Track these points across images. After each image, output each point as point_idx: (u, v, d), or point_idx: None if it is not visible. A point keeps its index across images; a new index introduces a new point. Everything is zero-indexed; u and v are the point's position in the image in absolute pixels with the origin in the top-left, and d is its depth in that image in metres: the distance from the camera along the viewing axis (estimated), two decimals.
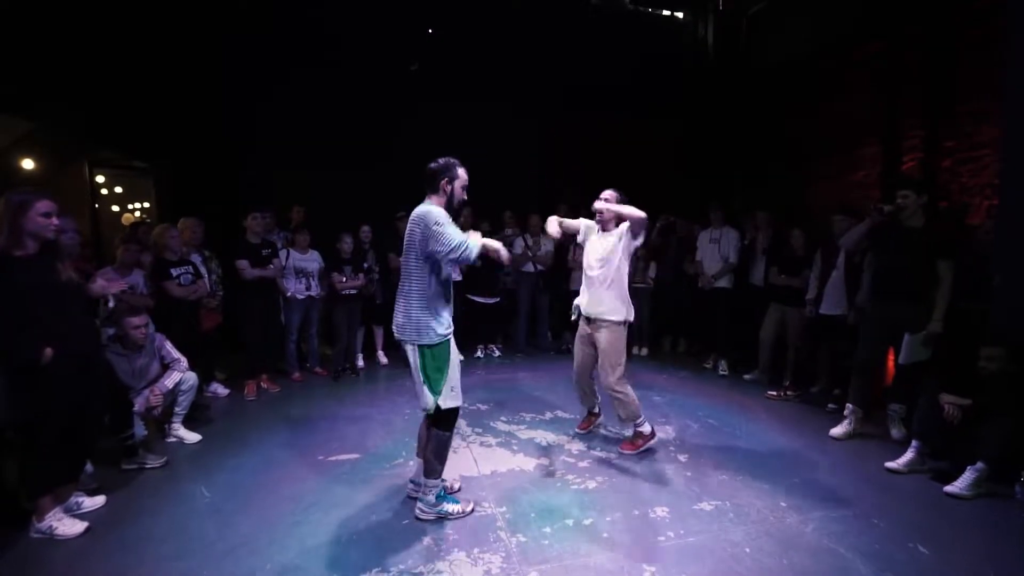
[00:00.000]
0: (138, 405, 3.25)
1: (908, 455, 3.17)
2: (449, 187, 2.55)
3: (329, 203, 6.06)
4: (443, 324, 2.48)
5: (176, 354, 3.52)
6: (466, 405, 4.27)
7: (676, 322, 6.41)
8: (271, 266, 4.67)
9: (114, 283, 2.68)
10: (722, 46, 7.95)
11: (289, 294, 4.97)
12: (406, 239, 2.50)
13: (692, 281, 5.89)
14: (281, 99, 6.20)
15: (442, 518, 2.57)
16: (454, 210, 2.58)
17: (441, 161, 2.59)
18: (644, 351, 6.28)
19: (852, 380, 3.79)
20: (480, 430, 3.78)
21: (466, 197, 2.64)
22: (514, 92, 6.93)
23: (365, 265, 5.38)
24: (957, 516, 2.67)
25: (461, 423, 3.91)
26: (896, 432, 3.66)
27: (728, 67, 7.72)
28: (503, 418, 4.01)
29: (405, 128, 6.68)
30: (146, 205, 9.05)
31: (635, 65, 7.33)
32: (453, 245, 2.36)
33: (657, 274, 6.27)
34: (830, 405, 4.27)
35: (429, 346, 2.44)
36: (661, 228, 6.29)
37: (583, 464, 3.22)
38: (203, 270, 4.35)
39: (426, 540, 2.40)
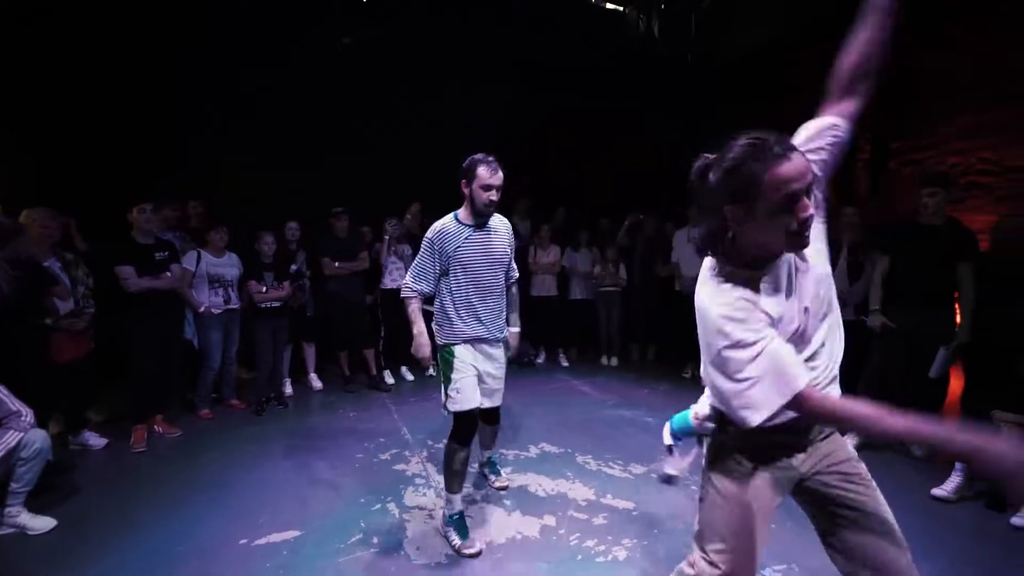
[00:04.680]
0: None
1: (955, 480, 2.80)
2: (467, 190, 2.37)
3: (246, 195, 4.97)
4: (444, 332, 2.44)
5: (14, 405, 2.41)
6: (430, 442, 3.49)
7: (645, 328, 5.94)
8: (167, 273, 3.58)
9: None
10: (671, 40, 7.72)
11: (202, 309, 3.89)
12: None
13: (664, 284, 5.45)
14: (182, 63, 5.00)
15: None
16: (480, 214, 2.40)
17: (465, 161, 2.39)
18: (614, 361, 5.75)
19: (860, 387, 3.47)
20: None
21: (493, 198, 2.34)
22: (463, 76, 6.18)
23: (293, 269, 4.38)
24: None
25: (430, 468, 3.12)
26: (918, 450, 3.34)
27: (679, 61, 7.48)
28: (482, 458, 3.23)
29: (346, 111, 5.73)
30: None
31: (594, 55, 6.88)
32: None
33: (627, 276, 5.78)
34: None
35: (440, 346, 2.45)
36: (629, 227, 5.81)
37: (599, 521, 2.54)
38: (63, 278, 3.20)
39: None
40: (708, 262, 1.26)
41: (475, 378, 2.38)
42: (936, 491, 2.81)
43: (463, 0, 5.97)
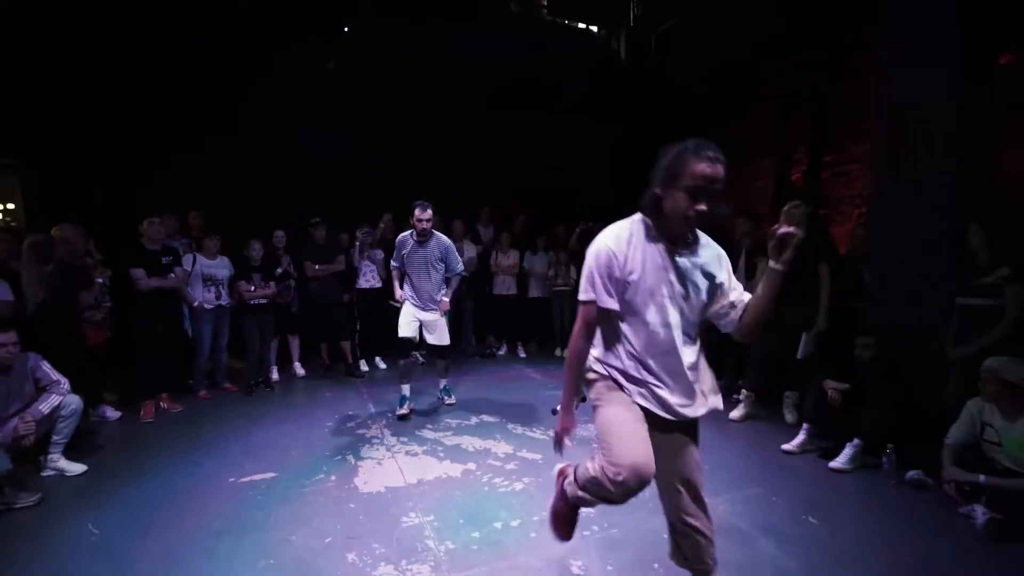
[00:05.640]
0: (2, 435, 2.85)
1: (800, 437, 3.52)
2: (412, 220, 4.00)
3: (239, 205, 5.69)
4: (404, 293, 4.20)
5: (55, 375, 3.12)
6: (390, 415, 4.20)
7: None
8: (172, 275, 4.29)
9: None
10: (634, 59, 8.45)
11: (196, 304, 4.59)
12: None
13: None
14: (183, 92, 5.72)
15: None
16: (419, 235, 4.03)
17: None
18: (566, 353, 6.43)
19: (749, 370, 4.19)
20: (406, 439, 3.70)
21: (423, 227, 3.97)
22: (435, 95, 6.90)
23: (279, 271, 5.09)
24: (840, 488, 3.01)
25: (386, 432, 3.82)
26: (790, 417, 4.05)
27: (641, 79, 8.19)
28: (429, 426, 3.95)
29: (323, 130, 6.43)
30: (10, 207, 7.96)
31: (555, 72, 7.56)
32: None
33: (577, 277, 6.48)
34: (734, 396, 4.63)
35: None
36: (580, 234, 6.51)
37: (510, 467, 3.25)
38: (99, 280, 3.94)
39: (351, 557, 2.31)
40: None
41: (412, 322, 4.10)
42: (785, 446, 3.51)
43: (437, 25, 6.73)
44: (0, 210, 8.36)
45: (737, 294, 1.68)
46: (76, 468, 3.15)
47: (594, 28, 8.87)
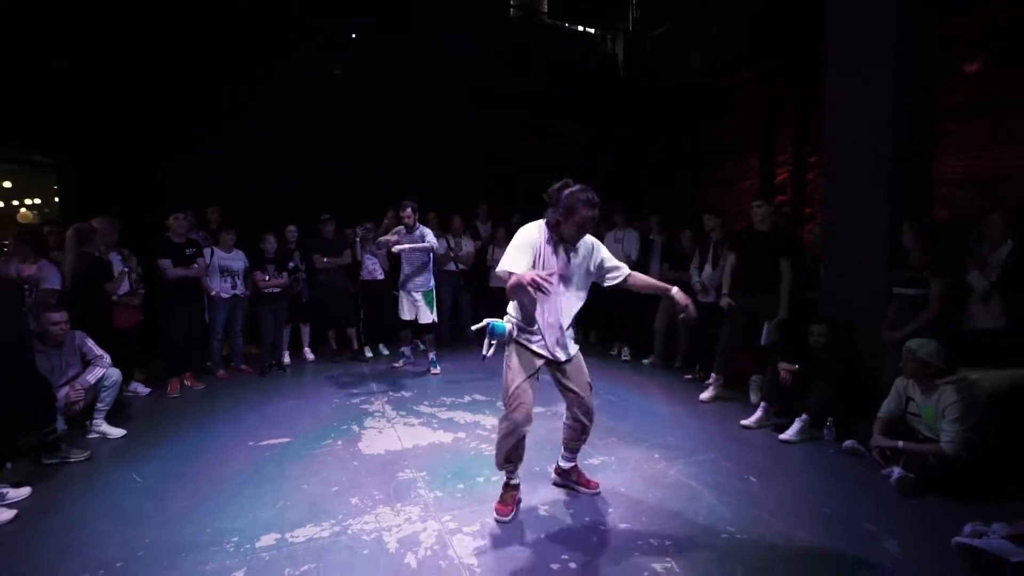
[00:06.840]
0: (57, 401, 3.31)
1: (757, 414, 3.91)
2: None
3: (255, 204, 6.13)
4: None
5: (99, 351, 3.58)
6: (391, 392, 4.63)
7: (588, 316, 7.02)
8: (195, 265, 4.74)
9: (24, 267, 2.82)
10: (630, 62, 8.80)
11: (213, 293, 5.04)
12: None
13: None
14: (204, 97, 6.16)
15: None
16: (406, 228, 5.07)
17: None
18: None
19: (716, 356, 4.57)
20: (404, 413, 4.13)
21: (407, 222, 5.03)
22: (437, 97, 7.31)
23: (291, 265, 5.53)
24: (784, 455, 3.41)
25: (387, 407, 4.26)
26: (754, 398, 4.44)
27: (636, 81, 8.54)
28: (426, 403, 4.38)
29: (331, 132, 6.86)
30: (38, 201, 8.49)
31: (552, 74, 7.93)
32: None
33: None
34: (707, 380, 5.01)
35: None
36: None
37: (495, 436, 3.65)
38: (125, 268, 4.39)
39: (354, 500, 2.75)
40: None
41: (408, 305, 5.18)
42: (743, 421, 3.91)
43: (439, 30, 7.14)
44: (28, 204, 8.91)
45: (614, 263, 2.65)
46: (116, 432, 3.61)
47: (591, 30, 9.22)
